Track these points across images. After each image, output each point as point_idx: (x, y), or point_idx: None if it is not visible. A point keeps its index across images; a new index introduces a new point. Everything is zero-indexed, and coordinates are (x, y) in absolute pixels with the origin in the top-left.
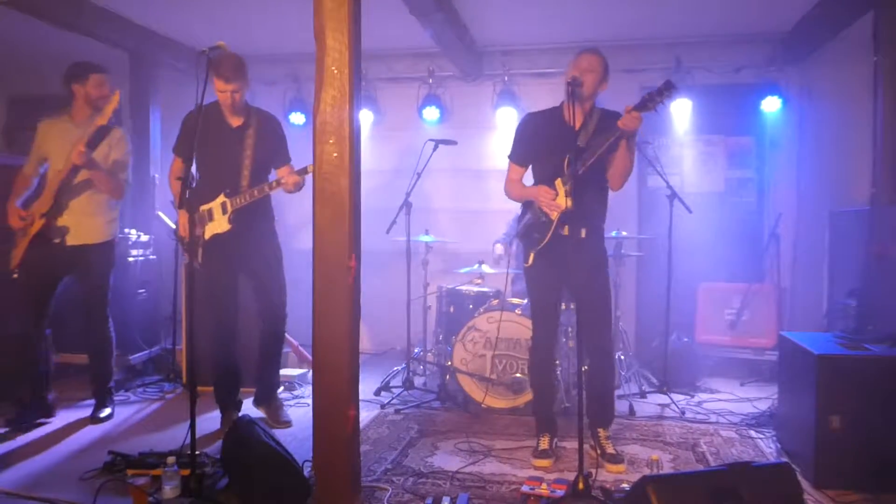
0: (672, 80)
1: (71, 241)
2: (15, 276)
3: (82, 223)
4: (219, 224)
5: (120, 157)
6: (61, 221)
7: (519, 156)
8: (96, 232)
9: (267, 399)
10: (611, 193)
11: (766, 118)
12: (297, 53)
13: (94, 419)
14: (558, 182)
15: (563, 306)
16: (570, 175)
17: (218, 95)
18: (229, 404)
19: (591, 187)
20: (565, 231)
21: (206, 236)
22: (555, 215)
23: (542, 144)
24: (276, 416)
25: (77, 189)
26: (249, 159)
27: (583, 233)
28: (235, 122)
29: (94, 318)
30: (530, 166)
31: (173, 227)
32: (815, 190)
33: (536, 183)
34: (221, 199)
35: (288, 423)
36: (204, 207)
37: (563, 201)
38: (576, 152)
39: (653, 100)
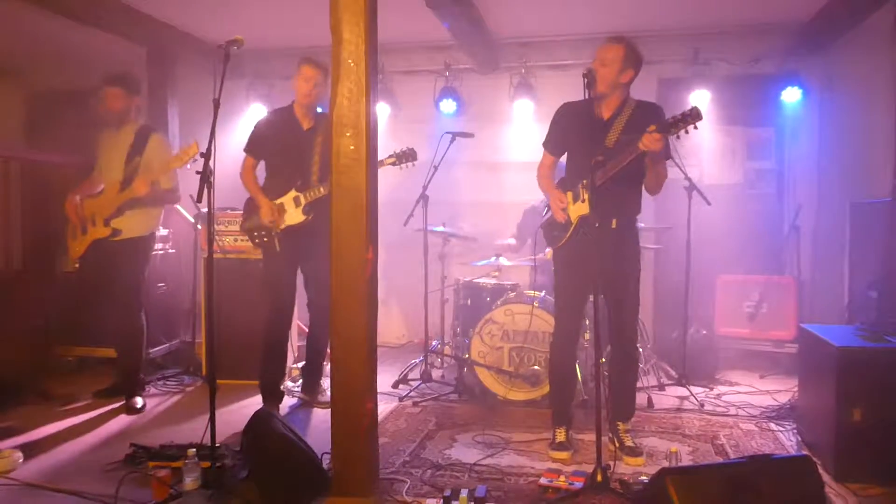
0: (698, 109)
1: (118, 237)
2: (76, 265)
3: (128, 220)
4: (293, 216)
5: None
6: (116, 224)
7: (551, 145)
8: (138, 226)
9: (311, 386)
10: None
11: (785, 109)
12: (313, 47)
13: (129, 408)
14: (582, 185)
15: None
16: (590, 184)
17: (299, 85)
18: (274, 395)
19: (625, 177)
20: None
21: (279, 228)
22: (574, 219)
23: (572, 136)
24: (317, 397)
25: (135, 202)
26: (319, 155)
27: (613, 223)
28: (306, 123)
29: (128, 309)
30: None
31: (191, 220)
32: (835, 181)
33: (568, 174)
34: (293, 193)
35: (326, 404)
36: (275, 202)
37: (582, 207)
38: (595, 164)
39: (676, 125)
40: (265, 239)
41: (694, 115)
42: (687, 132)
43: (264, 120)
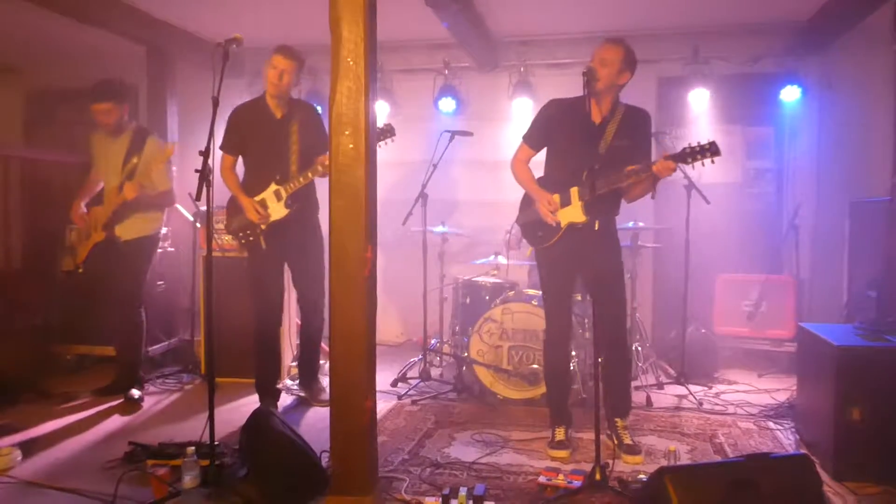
0: (717, 145)
1: (119, 240)
2: (80, 270)
3: (131, 222)
4: (276, 211)
5: (160, 169)
6: (117, 231)
7: (533, 139)
8: (138, 228)
9: (308, 384)
10: None
11: (784, 108)
12: (312, 45)
13: (127, 399)
14: (574, 191)
15: (579, 297)
16: (590, 192)
17: (269, 73)
18: (270, 393)
19: None
20: (579, 225)
21: (264, 226)
22: (563, 224)
23: (559, 134)
24: (316, 396)
25: (132, 206)
26: (297, 145)
27: (596, 224)
28: (279, 113)
29: (128, 306)
30: (543, 151)
31: (191, 218)
32: (834, 180)
33: (548, 171)
34: (273, 187)
35: (326, 402)
36: (256, 199)
37: (576, 214)
38: (593, 172)
39: (693, 156)
40: (251, 238)
41: (713, 151)
42: (703, 165)
43: (236, 113)
